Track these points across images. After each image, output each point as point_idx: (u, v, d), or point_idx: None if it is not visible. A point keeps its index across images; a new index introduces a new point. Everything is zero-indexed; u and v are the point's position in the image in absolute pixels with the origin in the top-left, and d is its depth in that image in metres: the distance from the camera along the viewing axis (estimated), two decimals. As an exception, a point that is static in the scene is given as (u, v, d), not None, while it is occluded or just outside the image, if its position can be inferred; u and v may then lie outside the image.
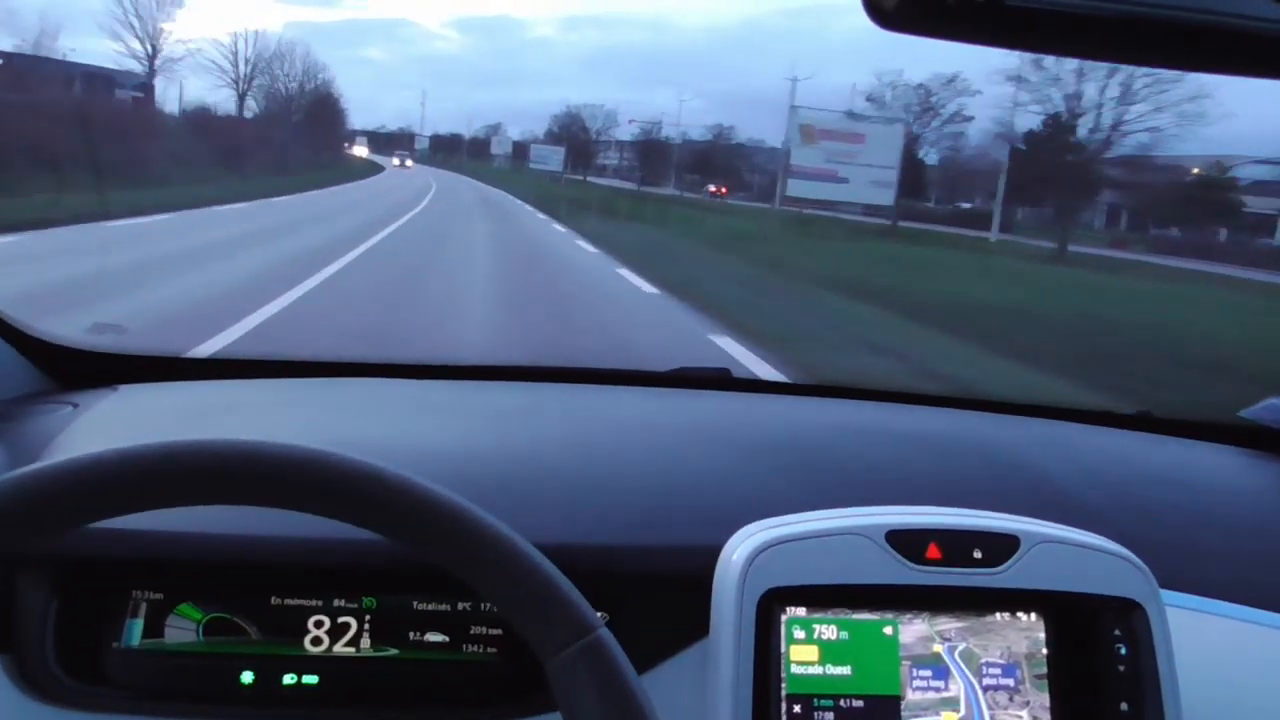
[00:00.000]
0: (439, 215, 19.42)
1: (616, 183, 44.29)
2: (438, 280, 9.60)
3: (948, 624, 0.79)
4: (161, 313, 5.94)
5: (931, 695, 0.77)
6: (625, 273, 10.70)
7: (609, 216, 20.52)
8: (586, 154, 48.52)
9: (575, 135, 47.81)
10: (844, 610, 0.78)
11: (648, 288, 9.53)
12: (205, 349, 4.16)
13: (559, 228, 17.98)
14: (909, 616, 0.79)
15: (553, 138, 49.43)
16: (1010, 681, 0.79)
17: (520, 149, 55.30)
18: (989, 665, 0.79)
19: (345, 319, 6.67)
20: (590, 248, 13.93)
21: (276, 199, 18.16)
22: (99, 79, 24.77)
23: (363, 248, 10.88)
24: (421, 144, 68.12)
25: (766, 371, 5.50)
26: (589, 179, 45.19)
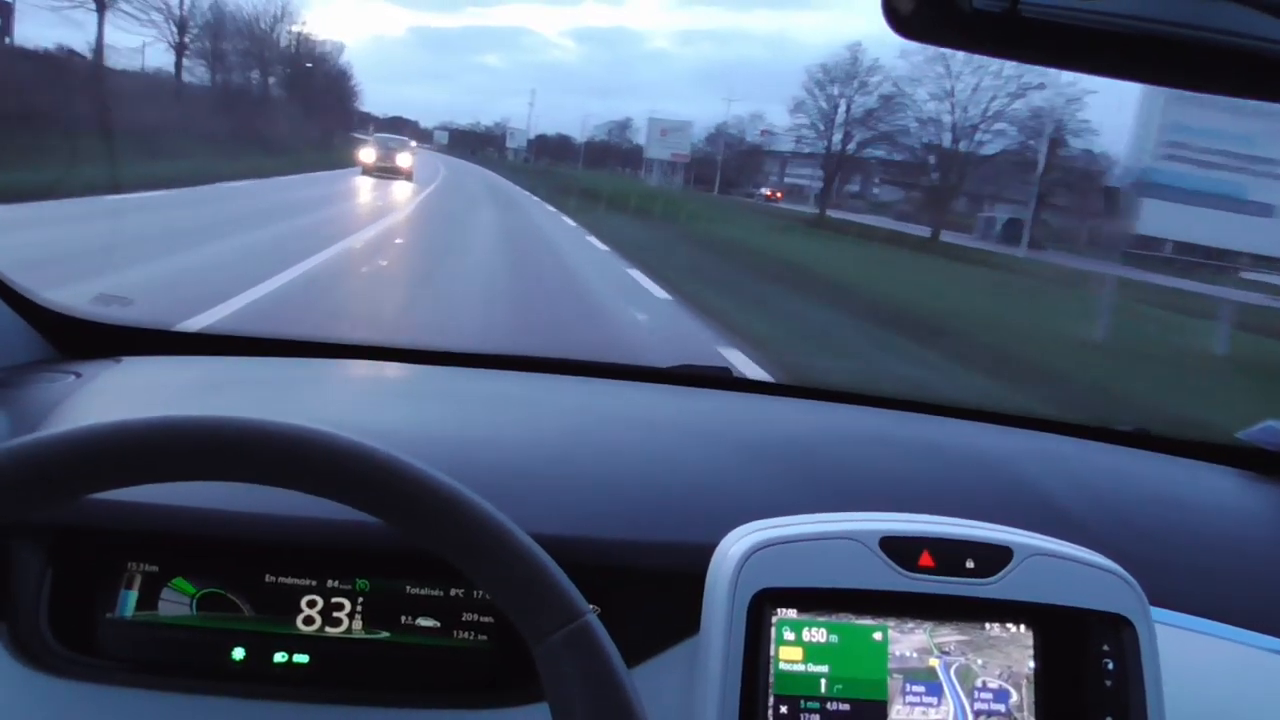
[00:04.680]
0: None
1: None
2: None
3: (948, 636, 0.79)
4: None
5: (918, 715, 0.77)
6: None
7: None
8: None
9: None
10: (835, 614, 0.78)
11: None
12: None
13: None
14: (910, 626, 0.79)
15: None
16: (1002, 707, 0.79)
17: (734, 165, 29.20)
18: (982, 690, 0.78)
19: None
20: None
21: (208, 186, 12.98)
22: None
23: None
24: (517, 141, 48.59)
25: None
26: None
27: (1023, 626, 0.80)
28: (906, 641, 0.78)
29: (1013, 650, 0.80)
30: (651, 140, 28.95)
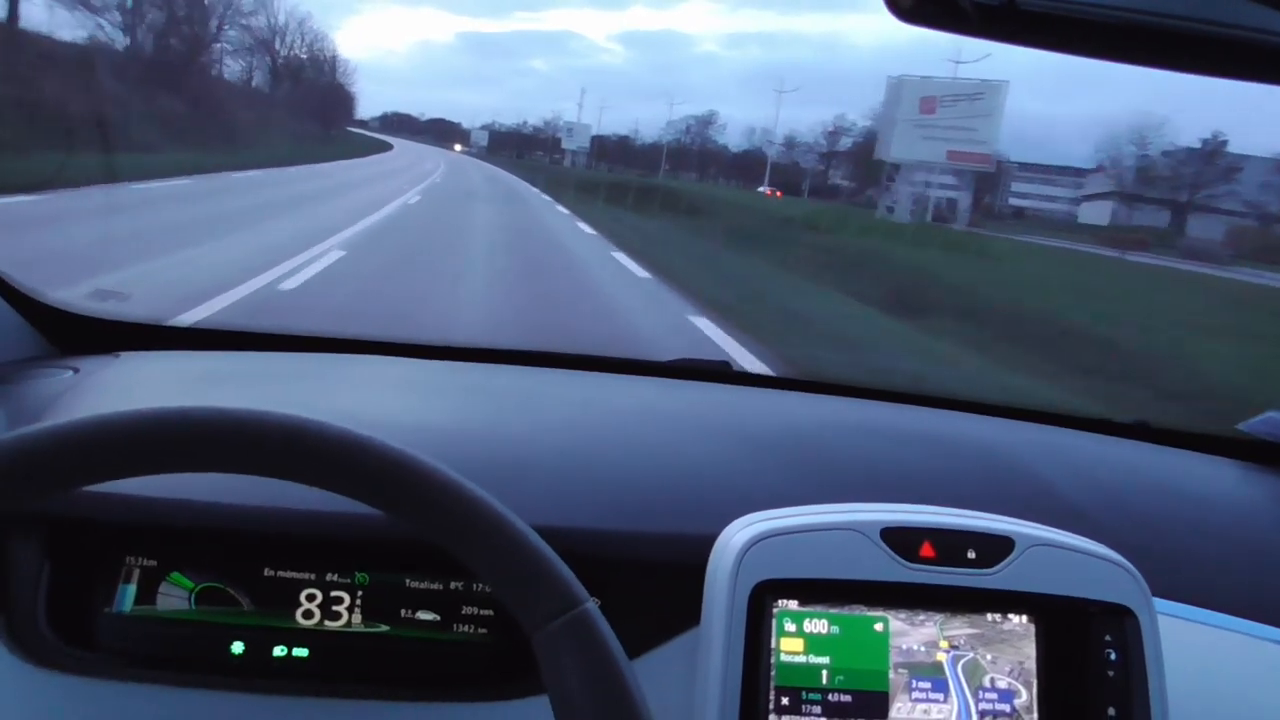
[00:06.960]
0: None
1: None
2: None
3: (959, 630, 0.79)
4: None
5: (920, 712, 0.77)
6: None
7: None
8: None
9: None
10: (836, 605, 0.78)
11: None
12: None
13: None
14: (921, 618, 0.78)
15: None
16: (1007, 707, 0.78)
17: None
18: (989, 689, 0.78)
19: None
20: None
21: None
22: None
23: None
24: (577, 140, 45.09)
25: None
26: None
27: (1025, 618, 0.80)
28: (915, 634, 0.78)
29: (1024, 645, 0.79)
30: (899, 126, 15.64)
